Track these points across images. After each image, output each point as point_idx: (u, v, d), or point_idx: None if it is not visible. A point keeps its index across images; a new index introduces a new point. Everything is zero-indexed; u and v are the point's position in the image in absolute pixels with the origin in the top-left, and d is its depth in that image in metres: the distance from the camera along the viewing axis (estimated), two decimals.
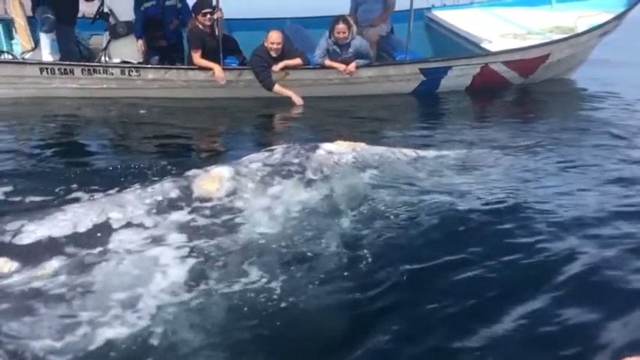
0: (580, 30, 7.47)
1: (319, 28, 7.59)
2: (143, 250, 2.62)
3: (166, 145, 5.29)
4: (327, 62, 6.93)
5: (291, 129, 6.11)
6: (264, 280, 2.45)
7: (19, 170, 4.28)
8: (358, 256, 2.73)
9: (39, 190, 3.43)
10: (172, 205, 2.80)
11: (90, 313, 2.17)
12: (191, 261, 2.56)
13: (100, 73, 6.72)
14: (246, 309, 2.27)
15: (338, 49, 6.92)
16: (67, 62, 6.68)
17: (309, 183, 3.10)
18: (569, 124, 5.60)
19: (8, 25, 7.24)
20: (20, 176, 3.93)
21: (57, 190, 3.40)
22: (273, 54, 6.69)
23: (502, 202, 3.30)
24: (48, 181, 3.60)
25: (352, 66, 6.89)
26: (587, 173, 3.96)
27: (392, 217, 3.08)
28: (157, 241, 2.68)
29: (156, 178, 3.07)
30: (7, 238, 2.51)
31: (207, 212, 2.83)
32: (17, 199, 3.30)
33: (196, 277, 2.45)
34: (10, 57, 6.73)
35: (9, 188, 3.47)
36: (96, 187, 3.33)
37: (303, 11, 9.32)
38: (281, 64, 6.75)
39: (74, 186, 3.43)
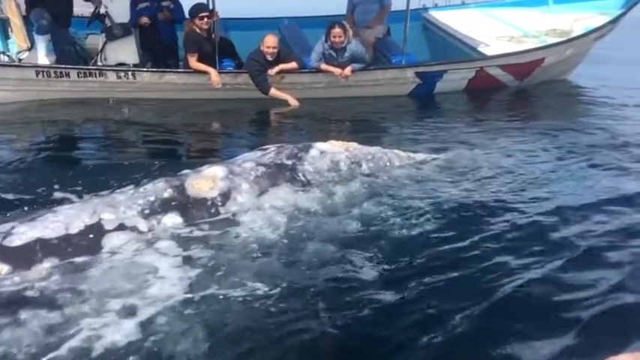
0: (576, 33, 7.51)
1: (316, 27, 7.63)
2: (136, 253, 2.59)
3: (160, 146, 5.28)
4: (323, 66, 6.95)
5: (285, 129, 6.13)
6: (258, 282, 2.42)
7: (9, 171, 4.24)
8: (352, 258, 2.71)
9: (30, 192, 3.41)
10: (165, 206, 2.78)
11: (83, 318, 2.14)
12: (184, 263, 2.54)
13: (95, 76, 6.71)
14: (240, 312, 2.24)
15: (334, 54, 6.94)
16: (63, 66, 6.67)
17: (302, 182, 3.09)
18: (563, 125, 5.59)
19: (4, 24, 7.24)
20: (11, 177, 3.90)
21: (49, 191, 3.38)
22: (269, 58, 6.69)
23: (492, 203, 3.32)
24: (40, 182, 3.56)
25: (348, 70, 6.91)
26: (580, 173, 3.97)
27: (385, 217, 3.07)
28: (149, 242, 2.65)
29: (149, 179, 3.04)
30: None
31: (200, 212, 2.82)
32: (8, 200, 3.27)
33: (190, 279, 2.42)
34: (7, 59, 6.71)
35: None
36: (88, 188, 3.31)
37: (300, 11, 9.31)
38: (277, 68, 6.76)
39: (66, 187, 3.40)
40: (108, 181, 3.43)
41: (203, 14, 6.77)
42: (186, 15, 7.09)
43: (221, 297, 2.31)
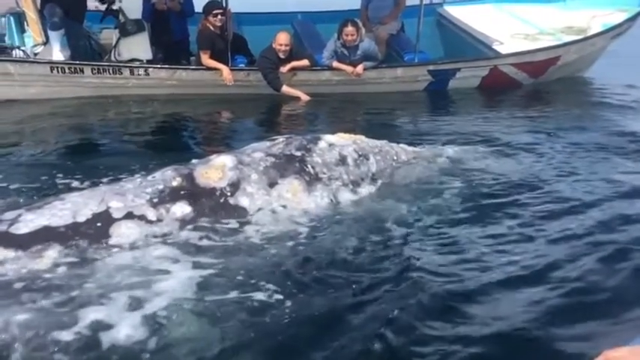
0: (593, 30, 7.37)
1: (330, 22, 7.60)
2: (144, 242, 2.59)
3: (170, 138, 5.37)
4: (335, 64, 6.94)
5: (294, 123, 6.16)
6: (265, 278, 2.42)
7: (21, 161, 4.30)
8: (358, 251, 2.71)
9: (39, 180, 3.44)
10: (174, 195, 2.77)
11: (89, 308, 2.14)
12: (193, 255, 2.54)
13: (109, 72, 6.76)
14: (247, 305, 2.24)
15: (346, 52, 6.93)
16: (78, 62, 6.72)
17: (310, 174, 3.07)
18: (575, 124, 5.47)
19: (20, 18, 7.30)
20: (22, 166, 3.95)
21: (57, 179, 3.41)
22: (282, 55, 6.69)
23: (494, 201, 3.35)
24: (49, 171, 3.62)
25: (360, 68, 6.90)
26: (586, 173, 3.89)
27: (393, 211, 3.08)
28: (157, 232, 2.65)
29: (157, 168, 3.03)
30: (3, 227, 2.47)
31: (209, 202, 2.80)
32: (16, 188, 3.28)
33: (198, 271, 2.42)
34: (22, 54, 6.76)
35: (9, 178, 3.47)
36: (97, 177, 3.34)
37: (314, 5, 9.25)
38: (289, 66, 6.76)
39: (75, 176, 3.44)
40: (117, 171, 3.46)
41: (217, 11, 6.78)
42: (197, 10, 7.11)
43: (227, 291, 2.31)
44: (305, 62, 6.88)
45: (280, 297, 2.28)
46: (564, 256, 2.72)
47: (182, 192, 2.79)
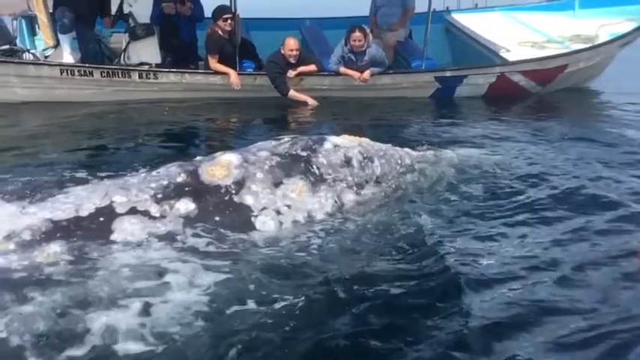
0: (601, 39, 7.35)
1: (338, 28, 7.65)
2: (147, 239, 2.58)
3: (177, 140, 5.38)
4: (342, 69, 6.98)
5: (299, 125, 6.19)
6: (268, 274, 2.42)
7: (30, 160, 4.34)
8: (361, 252, 2.70)
9: (46, 177, 3.45)
10: (178, 191, 2.76)
11: (88, 304, 2.13)
12: (195, 251, 2.53)
13: (118, 75, 6.82)
14: (249, 304, 2.23)
15: (353, 57, 6.96)
16: (87, 65, 6.79)
17: (315, 175, 3.06)
18: (580, 134, 5.39)
19: (31, 21, 7.39)
20: (30, 166, 3.98)
21: (64, 178, 3.41)
22: (292, 60, 6.75)
23: (498, 203, 3.34)
24: (56, 171, 3.64)
25: (367, 74, 6.93)
26: (584, 186, 3.82)
27: (396, 213, 3.07)
28: (160, 228, 2.64)
29: (162, 164, 3.03)
30: (6, 219, 2.47)
31: (213, 199, 2.79)
32: (24, 183, 3.29)
33: (199, 268, 2.41)
34: (32, 56, 6.84)
35: (18, 175, 3.49)
36: (102, 173, 3.34)
37: (323, 11, 9.30)
38: (296, 71, 6.81)
39: (82, 174, 3.44)
40: (122, 167, 3.47)
41: (226, 16, 6.84)
42: (207, 15, 7.17)
43: (229, 289, 2.30)
44: (312, 67, 6.94)
45: (283, 297, 2.27)
46: (562, 262, 2.70)
47: (186, 188, 2.79)
